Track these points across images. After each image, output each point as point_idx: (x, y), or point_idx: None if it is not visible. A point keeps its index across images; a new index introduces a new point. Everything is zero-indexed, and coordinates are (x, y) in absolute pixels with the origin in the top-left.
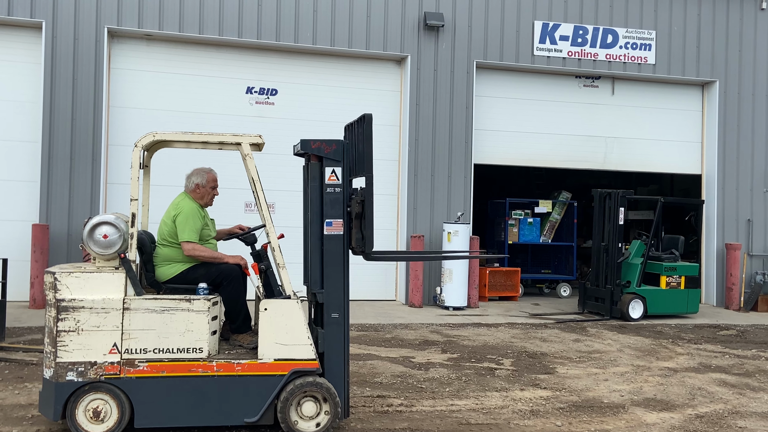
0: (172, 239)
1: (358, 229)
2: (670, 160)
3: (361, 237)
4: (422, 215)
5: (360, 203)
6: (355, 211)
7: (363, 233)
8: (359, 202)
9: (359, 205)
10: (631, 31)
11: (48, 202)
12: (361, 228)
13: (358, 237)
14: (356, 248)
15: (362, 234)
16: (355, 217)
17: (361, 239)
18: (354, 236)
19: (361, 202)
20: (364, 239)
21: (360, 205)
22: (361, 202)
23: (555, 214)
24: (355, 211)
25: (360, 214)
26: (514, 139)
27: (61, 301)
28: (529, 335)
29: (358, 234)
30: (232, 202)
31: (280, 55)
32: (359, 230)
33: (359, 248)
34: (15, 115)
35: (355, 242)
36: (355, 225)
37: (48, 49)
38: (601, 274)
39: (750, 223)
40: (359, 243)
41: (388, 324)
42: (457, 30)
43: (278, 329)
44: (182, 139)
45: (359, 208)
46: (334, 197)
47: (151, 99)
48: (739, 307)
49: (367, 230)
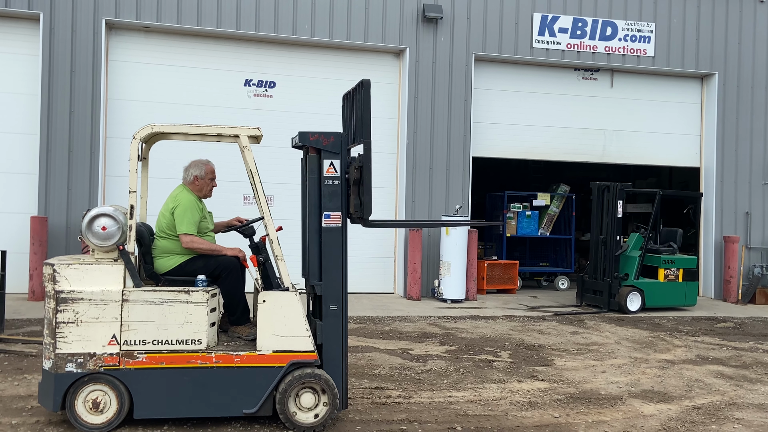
0: (170, 231)
1: (356, 195)
2: (668, 153)
3: (360, 203)
4: (420, 208)
5: (358, 169)
6: (353, 177)
7: (361, 199)
8: (357, 168)
9: (357, 170)
10: (630, 23)
11: (46, 195)
12: (360, 194)
13: (356, 203)
14: (354, 215)
15: (360, 200)
16: (353, 183)
17: (359, 205)
18: (352, 203)
19: (359, 168)
20: (362, 205)
21: (358, 171)
22: (359, 168)
23: (553, 207)
24: (353, 177)
25: (358, 180)
26: (512, 132)
27: (60, 292)
28: (527, 328)
29: (356, 200)
30: (231, 195)
31: (279, 48)
32: (357, 197)
33: (357, 214)
34: (13, 107)
35: (354, 208)
36: (353, 191)
37: (46, 40)
38: (600, 267)
39: (748, 215)
40: (357, 209)
41: (386, 316)
42: (456, 22)
43: (277, 321)
44: (180, 131)
45: (357, 174)
46: (332, 190)
47: (149, 91)
48: (737, 299)
49: (365, 196)
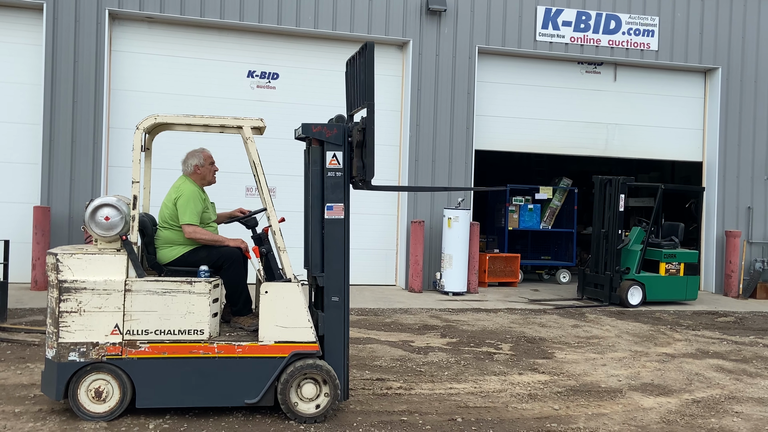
0: (173, 222)
1: (359, 158)
2: (671, 147)
3: (362, 165)
4: (423, 201)
5: (361, 131)
6: (356, 139)
7: (364, 161)
8: (360, 130)
9: (360, 133)
10: (634, 17)
11: (49, 185)
12: (362, 156)
13: (359, 165)
14: (357, 177)
15: (363, 162)
16: (356, 146)
17: (362, 167)
18: (355, 165)
19: (362, 130)
20: (365, 167)
21: (361, 134)
22: (362, 130)
23: (555, 200)
24: (356, 140)
25: (361, 142)
26: (515, 125)
27: (63, 282)
28: (528, 320)
29: (359, 163)
30: (233, 186)
31: (282, 39)
32: (360, 159)
33: (360, 177)
34: (16, 97)
35: (356, 171)
36: (356, 154)
37: (49, 31)
38: (601, 261)
39: (750, 210)
40: (360, 171)
41: (388, 308)
42: (460, 15)
43: (279, 312)
44: (184, 122)
45: (360, 136)
46: (335, 181)
47: (153, 82)
48: (738, 294)
49: (368, 158)
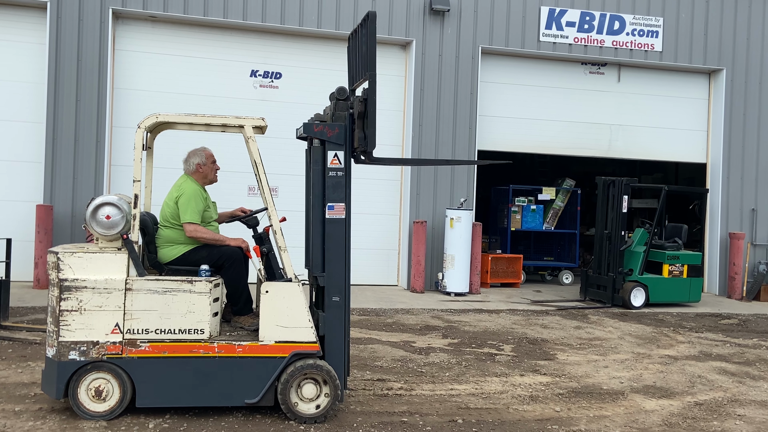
0: (174, 221)
1: (360, 129)
2: (675, 148)
3: (364, 137)
4: (425, 201)
5: (362, 102)
6: (357, 110)
7: (365, 132)
8: (362, 101)
9: (362, 104)
10: (638, 17)
11: (52, 183)
12: (364, 128)
13: (360, 137)
14: (358, 149)
15: (365, 134)
16: (358, 117)
17: (363, 139)
18: (356, 137)
19: (363, 101)
20: (366, 139)
21: (362, 104)
22: (363, 101)
23: (558, 201)
24: (358, 111)
25: (362, 113)
26: (518, 126)
27: (64, 280)
28: (530, 322)
29: (360, 134)
30: (235, 186)
31: (285, 39)
32: (362, 130)
33: (361, 148)
34: (19, 95)
35: (358, 142)
36: (357, 125)
37: (53, 29)
38: (604, 262)
39: (754, 212)
40: (361, 143)
41: (389, 309)
42: (463, 15)
43: (279, 312)
44: (185, 120)
45: (362, 107)
46: (336, 181)
47: (155, 81)
48: (742, 296)
49: (370, 129)
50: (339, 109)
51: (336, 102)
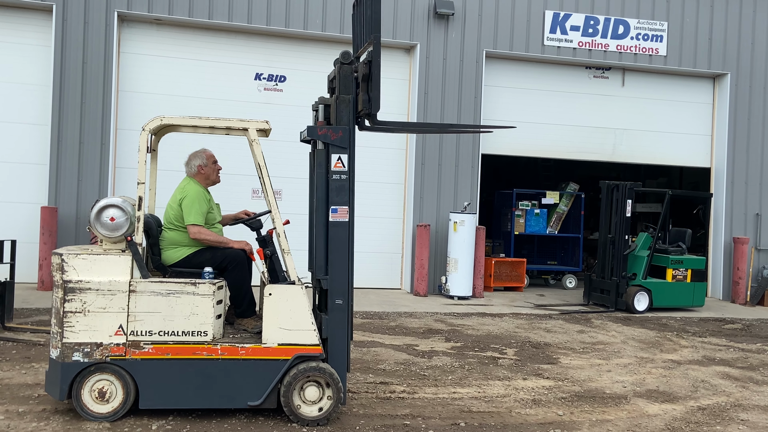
0: (178, 223)
1: (364, 91)
2: (679, 152)
3: (368, 99)
4: (429, 204)
5: (367, 64)
6: (362, 72)
7: (370, 95)
8: (366, 63)
9: (366, 65)
10: (642, 22)
11: (57, 185)
12: (368, 90)
13: (364, 99)
14: (362, 111)
15: (369, 96)
16: (362, 79)
17: (367, 101)
18: (361, 99)
19: (368, 63)
20: (370, 101)
21: (367, 66)
22: (368, 63)
23: (562, 205)
24: (362, 73)
25: (367, 75)
26: (522, 130)
27: (68, 282)
28: (534, 326)
29: (364, 96)
30: (239, 188)
31: (289, 42)
32: (366, 93)
33: (365, 110)
34: (25, 98)
35: (362, 104)
36: (362, 88)
37: (58, 32)
38: (607, 266)
39: (758, 217)
40: (366, 105)
41: (392, 312)
42: (467, 19)
43: (282, 314)
44: (190, 123)
45: (366, 69)
46: (339, 184)
47: (160, 83)
48: (746, 301)
49: (374, 92)
50: (343, 73)
51: (340, 66)
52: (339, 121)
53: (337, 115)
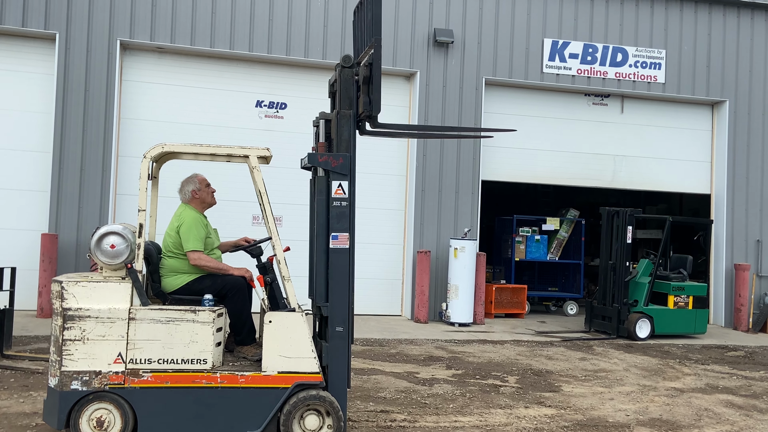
0: (177, 250)
1: (365, 94)
2: (679, 179)
3: (369, 101)
4: (429, 231)
5: (368, 66)
6: (363, 75)
7: (370, 97)
8: (367, 66)
9: (367, 68)
10: (640, 49)
11: (58, 212)
12: (369, 93)
13: (365, 101)
14: (363, 113)
15: (370, 98)
16: (363, 82)
17: (368, 103)
18: (361, 102)
19: (368, 65)
20: (371, 103)
21: (368, 68)
22: (368, 65)
23: (562, 231)
24: (363, 75)
25: (368, 77)
26: (522, 156)
27: (67, 310)
28: (535, 353)
29: (365, 98)
30: (240, 215)
31: (290, 69)
32: (366, 95)
33: (366, 113)
34: (27, 125)
35: (363, 106)
36: (363, 90)
37: (61, 60)
38: (609, 293)
39: (759, 243)
40: (366, 107)
41: (393, 339)
42: (467, 47)
43: (282, 342)
44: (191, 150)
45: (367, 71)
46: (340, 211)
47: (162, 111)
48: (748, 328)
49: (375, 94)
50: (344, 76)
51: (341, 69)
52: (340, 136)
53: (338, 130)
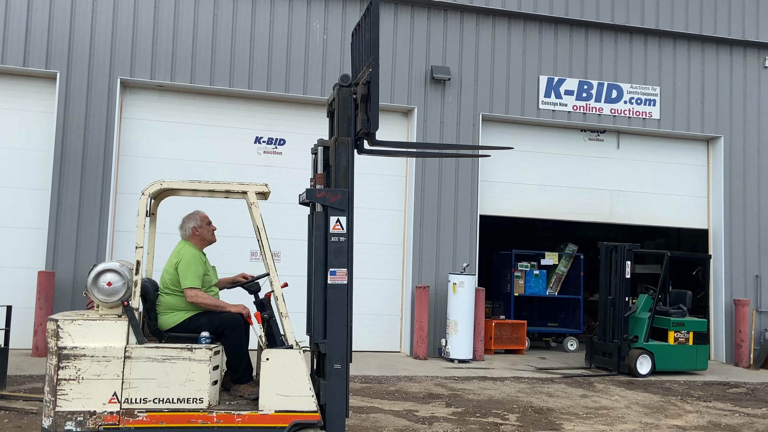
0: (174, 287)
1: (363, 111)
2: (676, 214)
3: (367, 119)
4: (428, 266)
5: (366, 84)
6: (360, 93)
7: (368, 115)
8: (365, 84)
9: (365, 86)
10: (635, 86)
11: (55, 250)
12: (367, 111)
13: (363, 119)
14: (361, 131)
15: (368, 116)
16: (361, 100)
17: (366, 120)
18: (359, 119)
19: (366, 84)
20: (369, 120)
21: (366, 87)
22: (366, 84)
23: (561, 266)
24: (361, 93)
25: (366, 96)
26: (520, 191)
27: (62, 348)
28: (536, 390)
29: (363, 116)
30: (238, 250)
31: (289, 106)
32: (365, 113)
33: (364, 130)
34: (26, 163)
35: (361, 124)
36: (361, 108)
37: (61, 98)
38: (609, 328)
39: (758, 279)
40: (364, 125)
41: (392, 376)
42: (463, 83)
43: (280, 380)
44: (189, 187)
45: (365, 89)
46: (338, 246)
47: (161, 148)
48: (749, 364)
49: (373, 111)
50: (342, 95)
51: (339, 88)
52: (338, 163)
53: (336, 157)
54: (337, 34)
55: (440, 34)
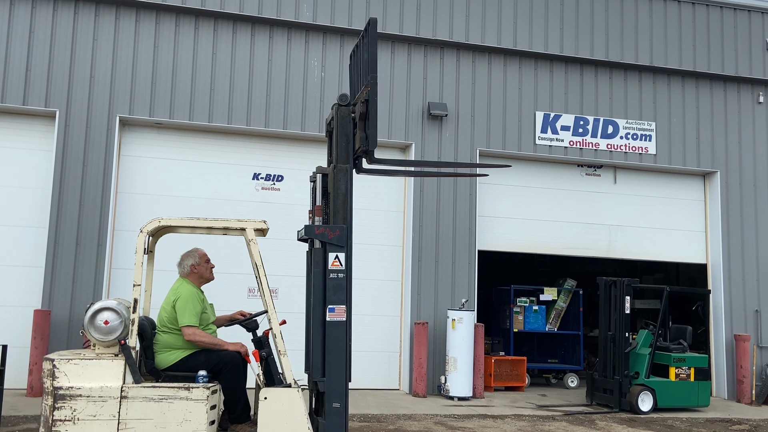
0: (172, 325)
1: (362, 130)
2: (674, 248)
3: (365, 137)
4: (426, 301)
5: (364, 103)
6: (359, 112)
7: (367, 133)
8: (363, 102)
9: (363, 104)
10: (631, 122)
11: (51, 288)
12: (365, 129)
13: (362, 137)
14: (360, 149)
15: (366, 134)
16: (360, 118)
17: (365, 138)
18: (358, 137)
19: (365, 102)
20: (368, 138)
21: (364, 105)
22: (365, 102)
23: (560, 301)
24: (360, 112)
25: (364, 114)
26: (517, 226)
27: (58, 389)
28: (537, 428)
29: (362, 134)
30: (235, 287)
31: (287, 143)
32: (363, 131)
33: (363, 148)
34: (23, 201)
35: (360, 142)
36: (359, 127)
37: (60, 137)
38: (609, 365)
39: (758, 314)
40: (363, 142)
41: (391, 414)
42: (460, 119)
43: (278, 419)
44: (187, 224)
45: (363, 107)
46: (337, 283)
47: (160, 185)
48: (751, 400)
49: (371, 129)
50: (341, 114)
51: (338, 108)
52: (337, 189)
53: (335, 184)
54: (334, 70)
55: (437, 70)
